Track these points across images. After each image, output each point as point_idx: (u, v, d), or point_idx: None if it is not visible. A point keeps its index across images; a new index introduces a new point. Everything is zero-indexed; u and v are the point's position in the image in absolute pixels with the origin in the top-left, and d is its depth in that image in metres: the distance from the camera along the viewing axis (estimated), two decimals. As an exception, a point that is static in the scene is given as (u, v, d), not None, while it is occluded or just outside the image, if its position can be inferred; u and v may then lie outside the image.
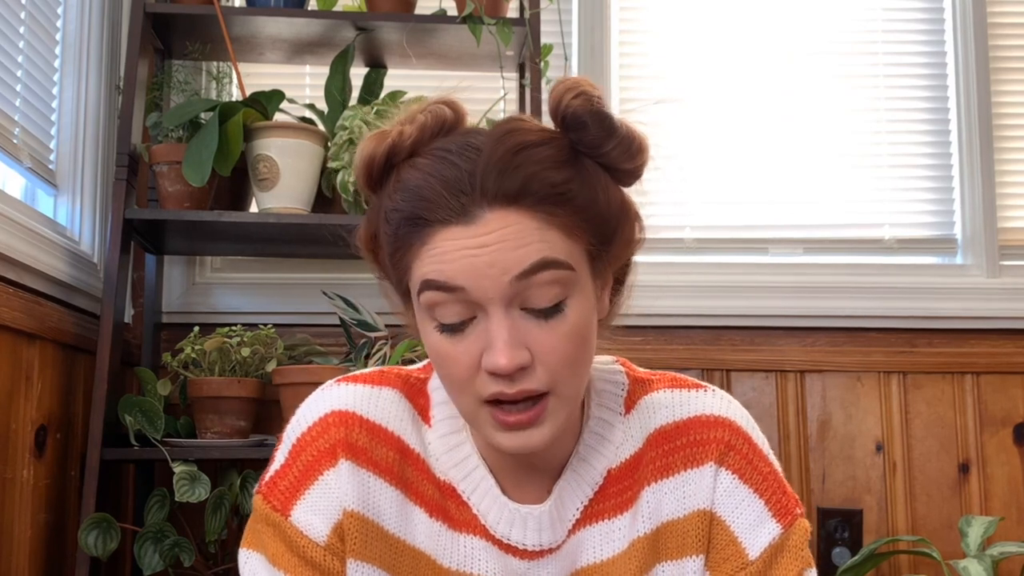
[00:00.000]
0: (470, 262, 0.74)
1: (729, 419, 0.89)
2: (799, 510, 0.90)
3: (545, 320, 0.76)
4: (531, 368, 0.76)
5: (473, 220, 0.74)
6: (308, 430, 0.86)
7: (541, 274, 0.75)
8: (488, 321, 0.75)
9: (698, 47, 2.29)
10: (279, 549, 0.84)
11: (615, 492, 0.88)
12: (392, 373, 0.90)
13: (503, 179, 0.74)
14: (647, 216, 0.86)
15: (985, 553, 1.76)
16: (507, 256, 0.74)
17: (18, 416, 1.57)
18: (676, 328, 2.14)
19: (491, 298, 0.74)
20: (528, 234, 0.74)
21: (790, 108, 2.27)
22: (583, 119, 0.79)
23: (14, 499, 1.56)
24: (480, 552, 0.86)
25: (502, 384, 0.75)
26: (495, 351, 0.74)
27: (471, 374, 0.76)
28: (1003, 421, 2.14)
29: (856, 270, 2.21)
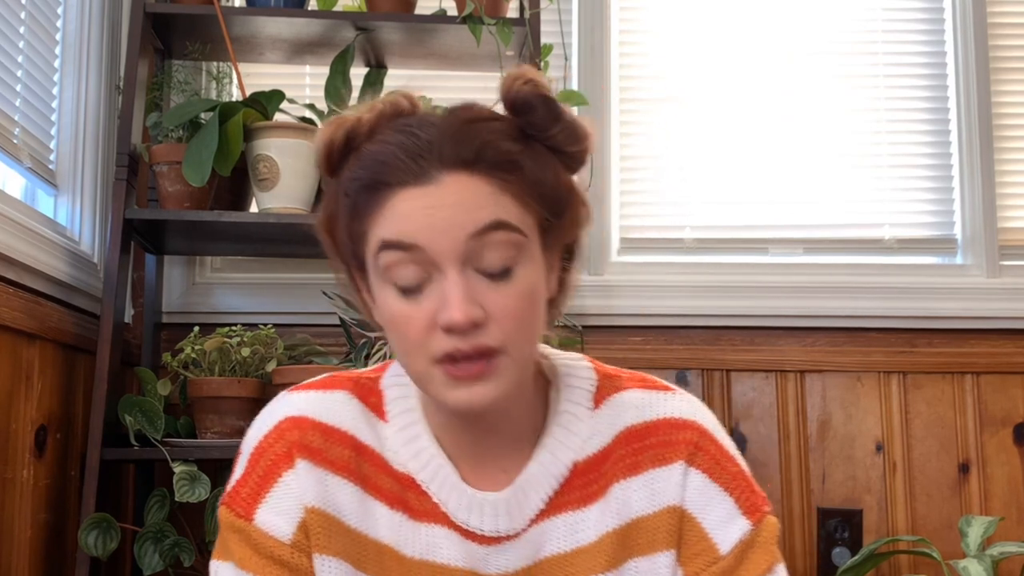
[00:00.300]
0: (427, 221, 0.78)
1: (697, 422, 0.92)
2: (767, 508, 0.91)
3: (497, 281, 0.80)
4: (484, 325, 0.79)
5: (431, 181, 0.79)
6: (263, 438, 0.89)
7: (494, 234, 0.79)
8: (444, 280, 0.78)
9: (698, 47, 2.29)
10: (246, 553, 0.86)
11: (581, 485, 0.90)
12: (341, 377, 0.94)
13: (459, 146, 0.79)
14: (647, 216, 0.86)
15: (985, 553, 1.76)
16: (463, 216, 0.78)
17: (18, 416, 1.57)
18: (676, 328, 2.14)
19: (446, 256, 0.78)
20: (483, 197, 0.79)
21: (790, 108, 2.27)
22: (532, 103, 0.83)
23: (14, 499, 1.56)
24: (442, 540, 0.88)
25: (456, 340, 0.78)
26: (451, 307, 0.77)
27: (426, 334, 0.79)
28: (1003, 421, 2.14)
29: (856, 270, 2.21)
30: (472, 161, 0.79)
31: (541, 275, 0.83)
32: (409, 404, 0.91)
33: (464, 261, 0.79)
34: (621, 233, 2.22)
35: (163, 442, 1.71)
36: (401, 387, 0.92)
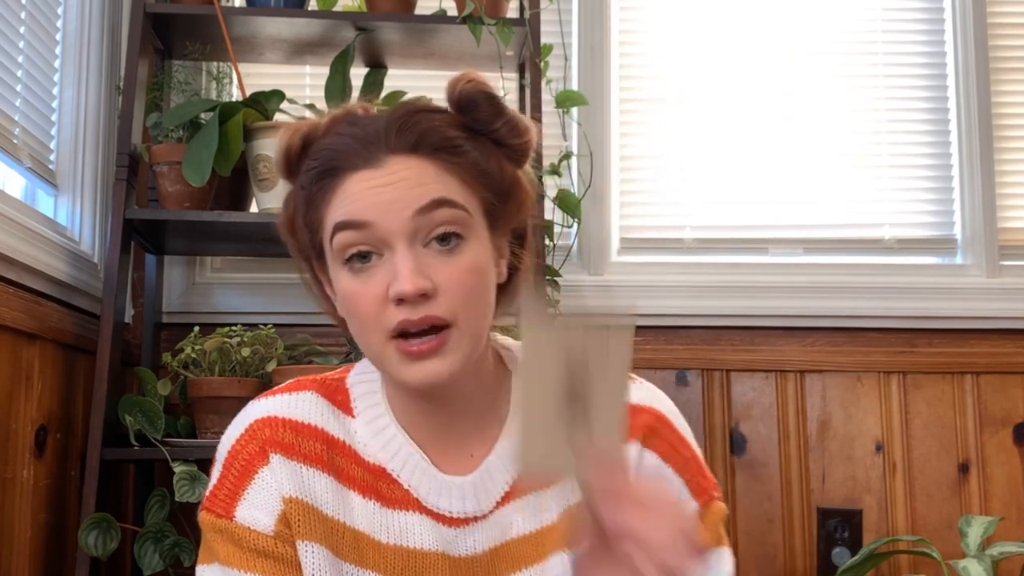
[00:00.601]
0: (376, 199, 0.83)
1: (654, 408, 0.96)
2: (716, 493, 0.96)
3: (445, 256, 0.84)
4: (434, 298, 0.83)
5: (379, 165, 0.85)
6: (236, 442, 0.93)
7: (439, 211, 0.84)
8: (393, 255, 0.83)
9: (698, 47, 2.29)
10: (230, 550, 0.89)
11: None
12: (306, 379, 0.97)
13: (404, 132, 0.86)
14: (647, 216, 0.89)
15: (985, 553, 1.76)
16: (408, 193, 0.84)
17: (18, 416, 1.57)
18: (676, 328, 2.14)
19: (395, 233, 0.83)
20: (427, 176, 0.85)
21: (790, 108, 2.27)
22: (475, 99, 0.89)
23: (14, 499, 1.56)
24: (415, 525, 0.92)
25: (406, 311, 0.83)
26: (400, 279, 0.82)
27: (379, 308, 0.84)
28: (1003, 421, 2.14)
29: (856, 270, 2.21)
30: (415, 144, 0.85)
31: (488, 255, 0.88)
32: (375, 399, 0.95)
33: (412, 236, 0.84)
34: (621, 233, 2.22)
35: (163, 442, 1.71)
36: (366, 383, 0.96)
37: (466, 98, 0.89)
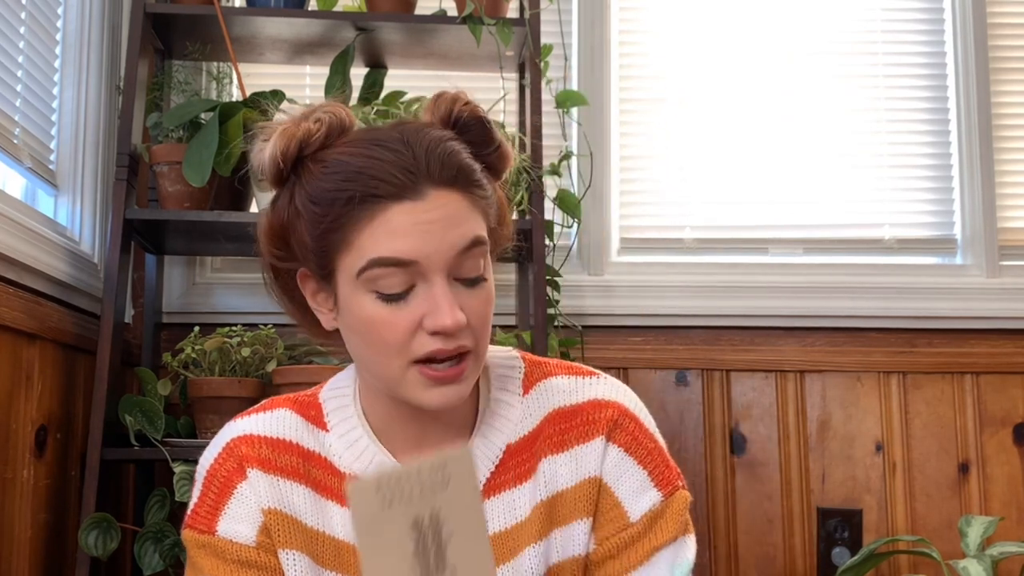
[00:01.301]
0: (422, 239, 0.84)
1: (617, 402, 0.98)
2: (680, 482, 0.98)
3: (471, 288, 0.87)
4: (464, 330, 0.86)
5: (422, 197, 0.85)
6: (214, 461, 0.95)
7: (475, 249, 0.87)
8: (431, 288, 0.85)
9: (698, 47, 2.29)
10: (214, 564, 0.91)
11: (514, 464, 0.96)
12: (280, 398, 1.00)
13: (443, 163, 0.86)
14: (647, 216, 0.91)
15: (985, 553, 1.76)
16: (452, 232, 0.85)
17: (18, 416, 1.57)
18: (676, 328, 2.14)
19: (436, 269, 0.85)
20: (464, 213, 0.87)
21: (790, 108, 2.27)
22: (471, 125, 0.91)
23: (14, 499, 1.56)
24: None
25: (441, 342, 0.85)
26: (442, 313, 0.84)
27: (408, 337, 0.85)
28: (1003, 421, 2.14)
29: (856, 270, 2.21)
30: (455, 178, 0.87)
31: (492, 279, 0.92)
32: (347, 413, 0.97)
33: (449, 272, 0.86)
34: (621, 233, 2.22)
35: (163, 442, 1.71)
36: (338, 399, 0.98)
37: (463, 122, 0.91)
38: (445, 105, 0.92)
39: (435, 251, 0.84)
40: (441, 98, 0.92)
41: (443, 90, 0.93)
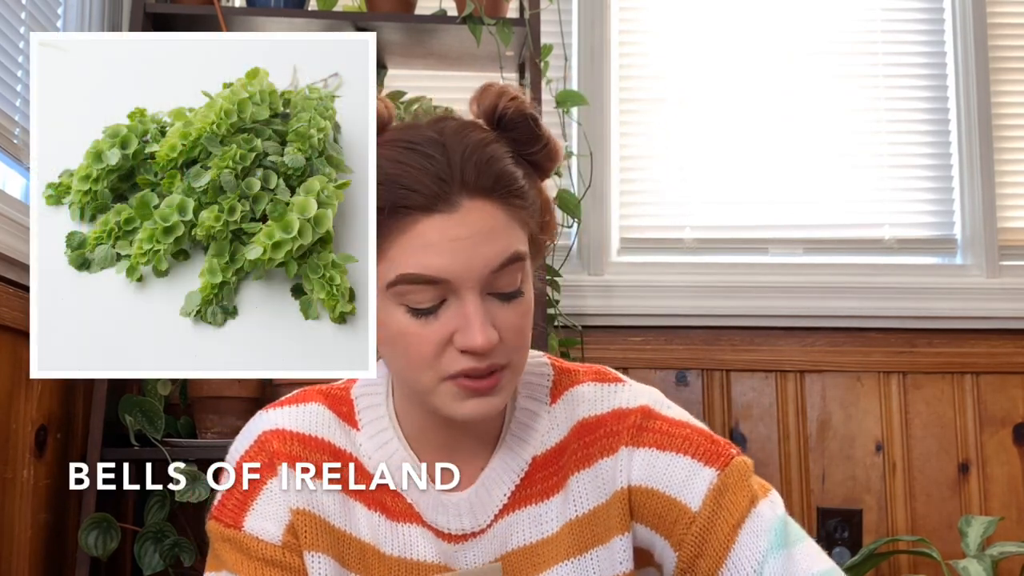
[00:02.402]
0: (453, 255, 0.80)
1: (639, 405, 0.95)
2: (734, 451, 0.93)
3: (508, 303, 0.84)
4: (498, 347, 0.83)
5: (455, 209, 0.81)
6: (245, 453, 0.94)
7: (512, 266, 0.83)
8: (463, 304, 0.82)
9: (698, 47, 2.29)
10: (238, 559, 0.90)
11: (541, 478, 0.94)
12: (312, 390, 0.98)
13: (479, 171, 0.82)
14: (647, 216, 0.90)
15: (985, 553, 1.76)
16: (486, 249, 0.81)
17: (18, 416, 1.57)
18: (676, 328, 2.14)
19: (469, 286, 0.81)
20: (500, 226, 0.82)
21: (790, 108, 2.27)
22: (517, 121, 0.86)
23: (14, 499, 1.56)
24: (418, 539, 0.92)
25: (473, 361, 0.82)
26: (473, 332, 0.81)
27: (438, 352, 0.83)
28: (1003, 421, 2.14)
29: (856, 270, 2.21)
30: (491, 188, 0.82)
31: (532, 284, 0.88)
32: (379, 412, 0.95)
33: (482, 289, 0.82)
34: (621, 233, 2.22)
35: (163, 442, 1.71)
36: (371, 396, 0.96)
37: (509, 119, 0.86)
38: (490, 100, 0.87)
39: (467, 269, 0.80)
40: (486, 92, 0.87)
41: (489, 83, 0.88)
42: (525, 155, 0.87)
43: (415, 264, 0.81)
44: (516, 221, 0.84)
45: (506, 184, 0.83)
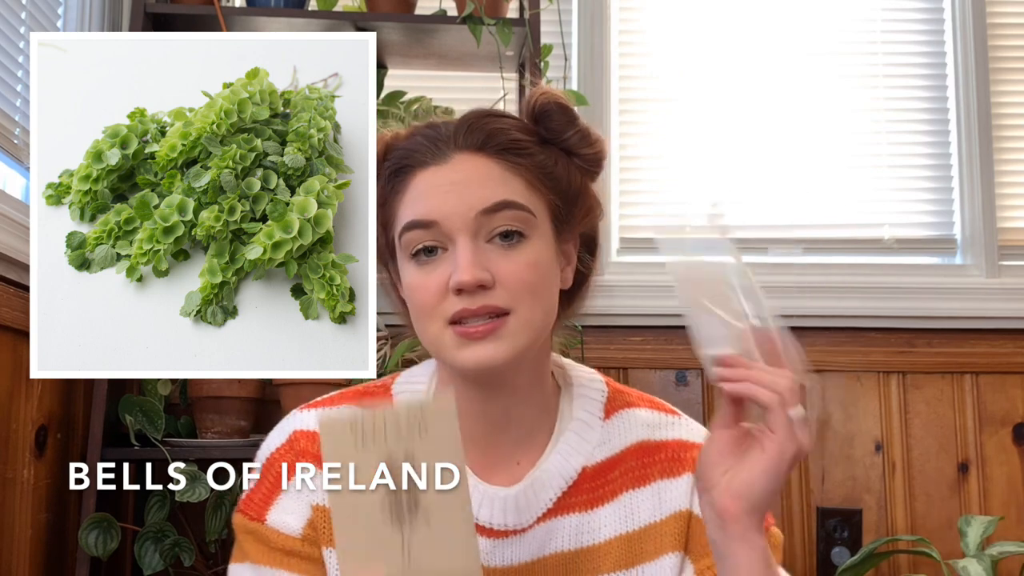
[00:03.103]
0: (442, 198, 0.86)
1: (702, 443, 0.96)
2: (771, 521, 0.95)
3: (506, 250, 0.87)
4: (492, 288, 0.85)
5: (446, 161, 0.88)
6: (275, 451, 0.96)
7: (503, 212, 0.86)
8: (455, 249, 0.86)
9: (698, 47, 2.29)
10: (260, 550, 0.92)
11: (588, 488, 0.94)
12: (349, 392, 1.00)
13: (472, 131, 0.89)
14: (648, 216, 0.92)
15: (984, 553, 1.76)
16: (473, 193, 0.86)
17: (18, 416, 1.58)
18: (676, 328, 2.13)
19: (458, 229, 0.86)
20: (492, 177, 0.88)
21: (790, 108, 2.27)
22: (548, 109, 0.92)
23: (14, 499, 1.56)
24: None
25: (465, 300, 0.85)
26: (459, 270, 0.84)
27: (439, 299, 0.86)
28: (1002, 421, 2.14)
29: (856, 270, 2.21)
30: (482, 144, 0.88)
31: (552, 256, 0.90)
32: None
33: (474, 233, 0.86)
34: (621, 233, 2.22)
35: (163, 442, 1.71)
36: (411, 393, 0.97)
37: (540, 108, 0.92)
38: (526, 99, 0.94)
39: (453, 211, 0.86)
40: (528, 93, 0.94)
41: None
42: (561, 144, 0.93)
43: (412, 212, 0.87)
44: (518, 177, 0.88)
45: (499, 141, 0.89)
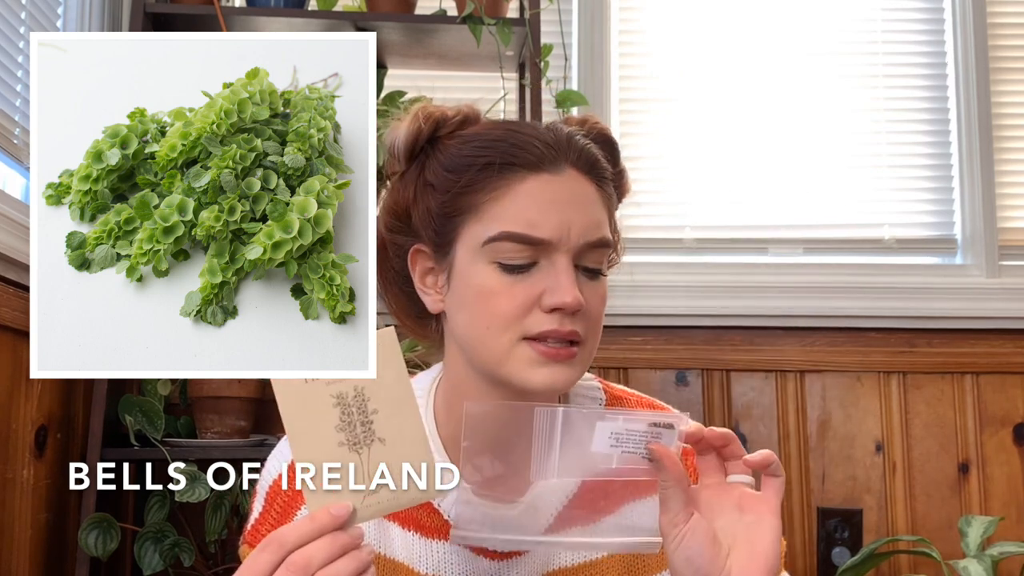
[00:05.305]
0: (557, 216, 0.84)
1: None
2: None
3: (590, 280, 0.87)
4: (579, 316, 0.85)
5: (559, 172, 0.86)
6: (279, 478, 0.93)
7: (601, 250, 0.87)
8: (554, 266, 0.84)
9: (698, 47, 2.29)
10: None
11: (590, 501, 0.93)
12: None
13: (583, 149, 0.88)
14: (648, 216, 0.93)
15: (985, 553, 1.76)
16: (584, 217, 0.85)
17: (18, 416, 1.58)
18: (676, 328, 2.14)
19: (564, 250, 0.84)
20: (597, 204, 0.88)
21: (790, 108, 2.27)
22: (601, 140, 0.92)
23: (14, 499, 1.56)
24: (451, 556, 0.91)
25: (557, 322, 0.84)
26: (564, 290, 0.83)
27: (523, 312, 0.84)
28: (1003, 421, 2.14)
29: (856, 270, 2.21)
30: (592, 166, 0.88)
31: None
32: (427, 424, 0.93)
33: (575, 258, 0.86)
34: (621, 233, 2.22)
35: (163, 442, 1.71)
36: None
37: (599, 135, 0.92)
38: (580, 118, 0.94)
39: (566, 233, 0.84)
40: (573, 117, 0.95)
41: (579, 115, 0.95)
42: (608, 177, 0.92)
43: (520, 222, 0.84)
44: (605, 209, 0.89)
45: (601, 171, 0.88)
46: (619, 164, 0.94)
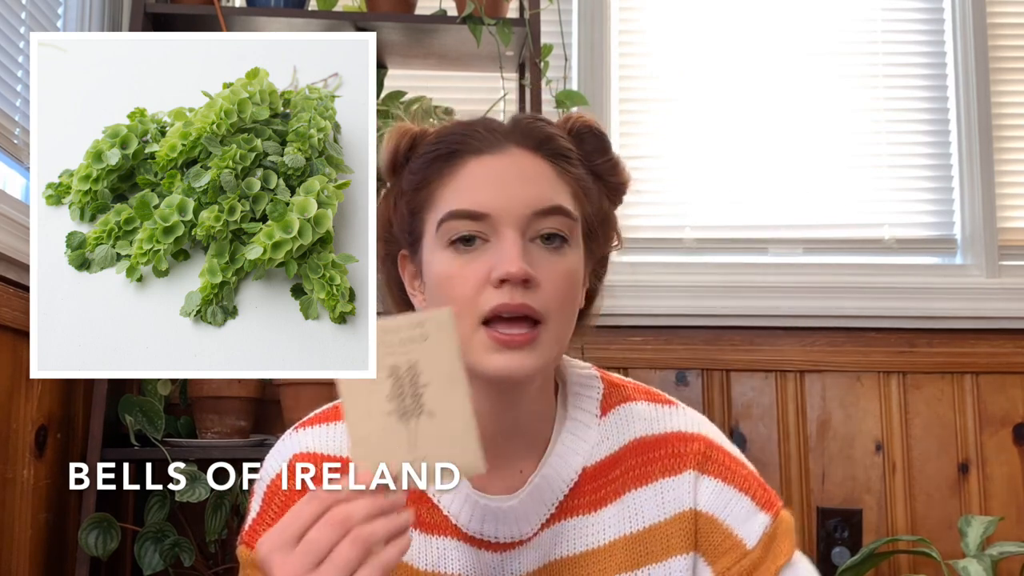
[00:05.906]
0: (496, 191, 0.85)
1: (703, 435, 0.98)
2: (780, 503, 0.99)
3: (548, 253, 0.86)
4: (533, 288, 0.84)
5: (503, 152, 0.88)
6: (277, 477, 0.93)
7: (554, 216, 0.86)
8: (501, 241, 0.85)
9: (698, 47, 2.29)
10: None
11: (591, 489, 0.93)
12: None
13: (531, 130, 0.90)
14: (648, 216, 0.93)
15: (985, 553, 1.76)
16: (528, 189, 0.86)
17: (18, 416, 1.58)
18: (676, 328, 2.14)
19: (509, 224, 0.85)
20: (546, 178, 0.88)
21: (790, 108, 2.27)
22: (584, 132, 0.94)
23: (14, 499, 1.56)
24: (452, 551, 0.91)
25: (506, 295, 0.83)
26: (506, 261, 0.83)
27: (476, 291, 0.84)
28: (1002, 421, 2.14)
29: (856, 270, 2.21)
30: (538, 144, 0.89)
31: (581, 270, 0.91)
32: None
33: (523, 230, 0.85)
34: (621, 233, 2.22)
35: (163, 442, 1.71)
36: None
37: (577, 131, 0.93)
38: (565, 118, 0.96)
39: (507, 205, 0.85)
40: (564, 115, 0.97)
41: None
42: (593, 166, 0.93)
43: (461, 200, 0.86)
44: (566, 184, 0.89)
45: (554, 146, 0.89)
46: (609, 154, 0.95)
